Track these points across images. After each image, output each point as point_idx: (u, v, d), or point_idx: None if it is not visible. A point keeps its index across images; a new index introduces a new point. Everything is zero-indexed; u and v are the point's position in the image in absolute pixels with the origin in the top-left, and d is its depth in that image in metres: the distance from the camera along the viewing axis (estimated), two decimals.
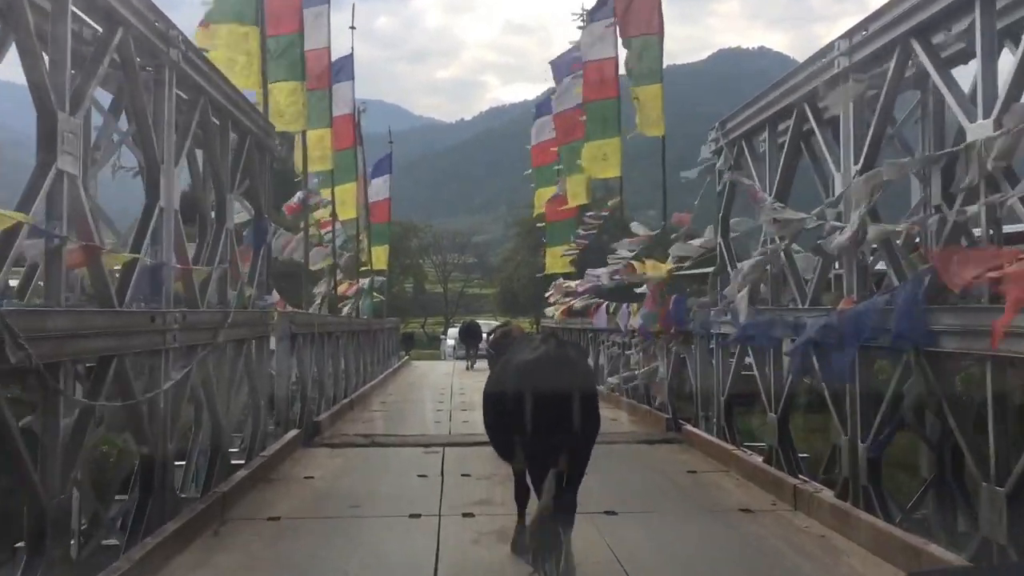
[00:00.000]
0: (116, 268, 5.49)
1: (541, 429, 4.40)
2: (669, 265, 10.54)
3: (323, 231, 15.38)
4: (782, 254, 7.36)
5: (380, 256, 23.67)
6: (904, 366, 5.41)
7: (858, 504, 5.89)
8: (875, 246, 5.92)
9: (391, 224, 56.37)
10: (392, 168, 24.34)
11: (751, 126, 8.17)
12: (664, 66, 12.83)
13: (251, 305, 8.39)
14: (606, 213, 17.27)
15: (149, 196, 5.83)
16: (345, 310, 17.38)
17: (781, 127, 7.82)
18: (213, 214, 7.47)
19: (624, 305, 11.35)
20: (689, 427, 9.56)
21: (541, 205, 22.46)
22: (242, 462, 8.49)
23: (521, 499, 5.16)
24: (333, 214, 15.29)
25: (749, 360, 8.50)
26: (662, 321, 11.01)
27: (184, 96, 6.77)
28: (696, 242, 10.69)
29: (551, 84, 22.58)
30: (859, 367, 5.81)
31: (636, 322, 11.88)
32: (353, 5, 17.57)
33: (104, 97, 6.78)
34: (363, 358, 17.32)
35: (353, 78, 17.26)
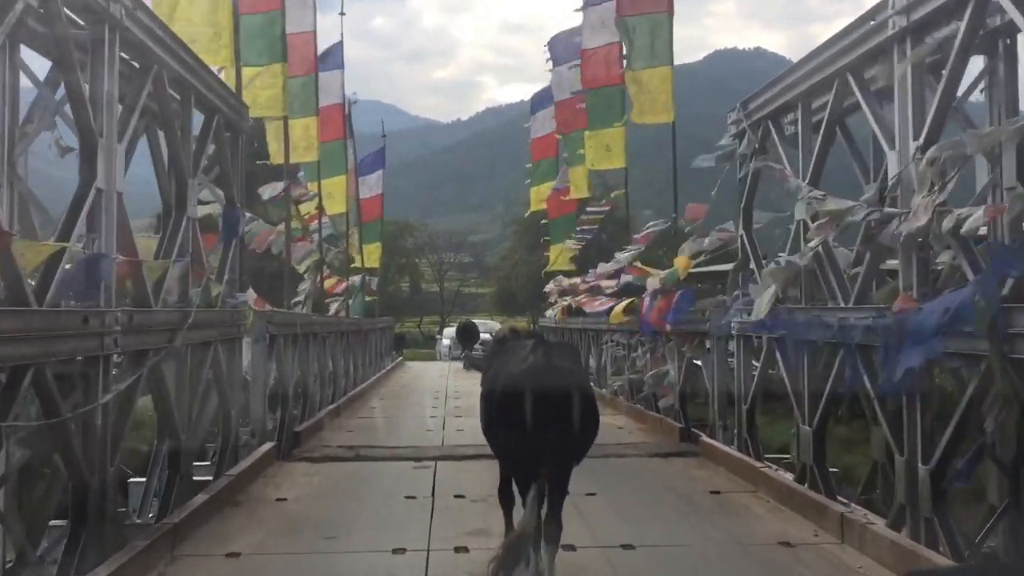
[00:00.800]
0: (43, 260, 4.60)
1: (531, 442, 4.27)
2: (686, 260, 9.64)
3: (309, 225, 14.48)
4: (821, 249, 6.48)
5: (372, 254, 22.76)
6: (983, 374, 4.53)
7: (918, 538, 5.02)
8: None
9: (385, 222, 55.96)
10: (385, 163, 23.41)
11: (780, 104, 7.28)
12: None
13: (220, 304, 7.50)
14: (607, 208, 16.36)
15: (83, 175, 4.94)
16: (333, 308, 16.46)
17: (817, 104, 6.95)
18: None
19: (647, 297, 10.45)
20: (706, 438, 8.67)
21: (538, 202, 21.61)
22: (210, 478, 7.66)
23: (506, 503, 4.85)
24: (319, 207, 14.37)
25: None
26: (656, 316, 10.15)
27: (133, 63, 5.89)
28: (706, 241, 9.84)
29: (548, 84, 21.81)
30: (917, 375, 4.95)
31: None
32: None
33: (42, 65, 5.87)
34: (353, 360, 16.43)
35: (343, 67, 16.33)
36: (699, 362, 9.86)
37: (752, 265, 8.03)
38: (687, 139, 14.14)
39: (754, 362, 8.32)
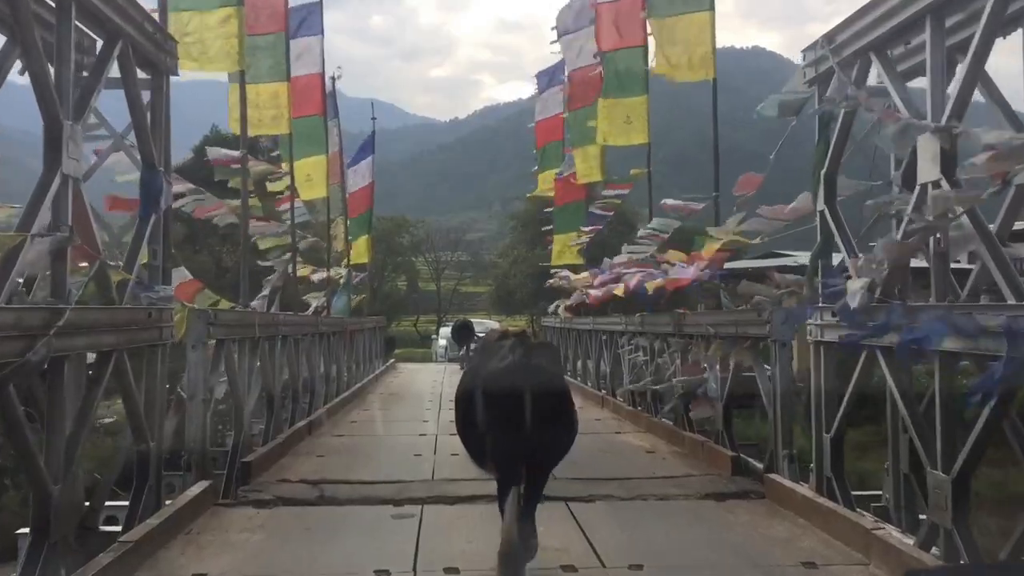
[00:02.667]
0: None
1: (507, 441, 4.36)
2: (731, 235, 7.67)
3: (279, 207, 12.48)
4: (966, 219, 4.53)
5: (361, 248, 20.70)
6: None
7: None
8: None
9: (381, 219, 54.18)
10: (374, 149, 21.35)
11: (895, 26, 5.30)
12: None
13: (128, 299, 5.55)
14: (626, 190, 14.26)
15: None
16: (313, 306, 14.46)
17: (954, 21, 5.00)
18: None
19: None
20: (776, 478, 6.65)
21: (545, 188, 19.66)
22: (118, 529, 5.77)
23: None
24: (291, 189, 12.35)
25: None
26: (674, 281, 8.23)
27: None
28: (731, 222, 7.92)
29: (554, 63, 19.94)
30: None
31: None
32: None
33: None
34: (335, 364, 14.47)
35: (322, 32, 14.34)
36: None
37: (843, 248, 6.07)
38: (687, 133, 12.50)
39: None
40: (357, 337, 18.50)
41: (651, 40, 10.76)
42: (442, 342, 30.97)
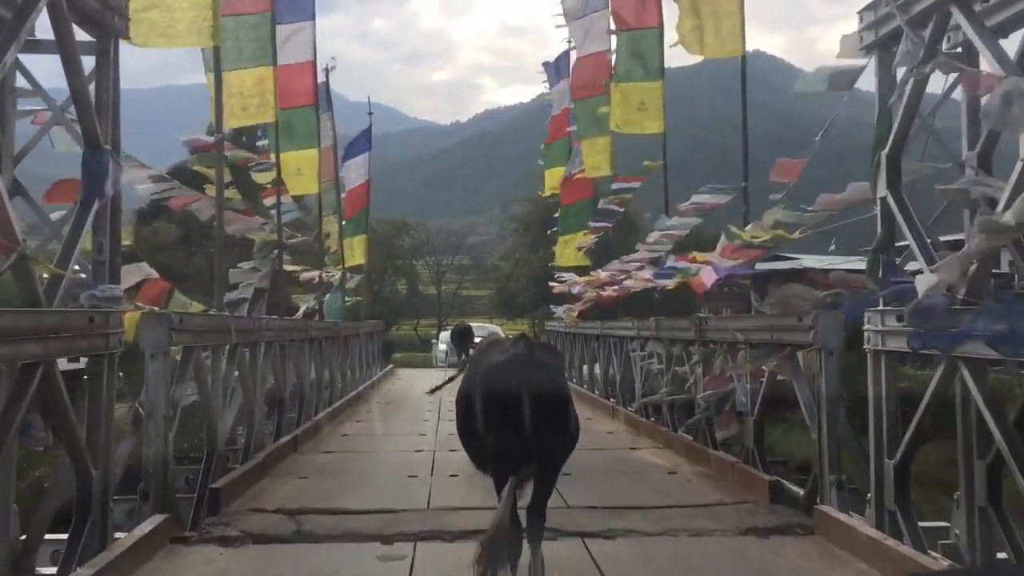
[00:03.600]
0: None
1: (506, 436, 4.26)
2: (772, 232, 6.75)
3: (267, 201, 11.52)
4: None
5: (357, 248, 19.75)
6: None
7: None
8: None
9: (379, 221, 53.22)
10: (371, 145, 20.43)
11: None
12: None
13: (63, 300, 4.64)
14: (638, 183, 13.28)
15: None
16: (303, 309, 13.54)
17: None
18: None
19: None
20: (827, 511, 5.70)
21: (553, 185, 18.77)
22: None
23: None
24: (278, 182, 11.41)
25: None
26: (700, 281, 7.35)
27: None
28: (769, 215, 7.00)
29: (544, 88, 19.22)
30: None
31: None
32: None
33: None
34: (327, 372, 13.56)
35: (313, 17, 13.44)
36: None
37: (911, 239, 5.14)
38: (687, 140, 11.76)
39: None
40: (353, 342, 17.59)
41: (670, 20, 9.90)
42: (442, 347, 30.06)
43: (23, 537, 4.80)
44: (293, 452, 9.30)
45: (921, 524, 5.85)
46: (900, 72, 5.33)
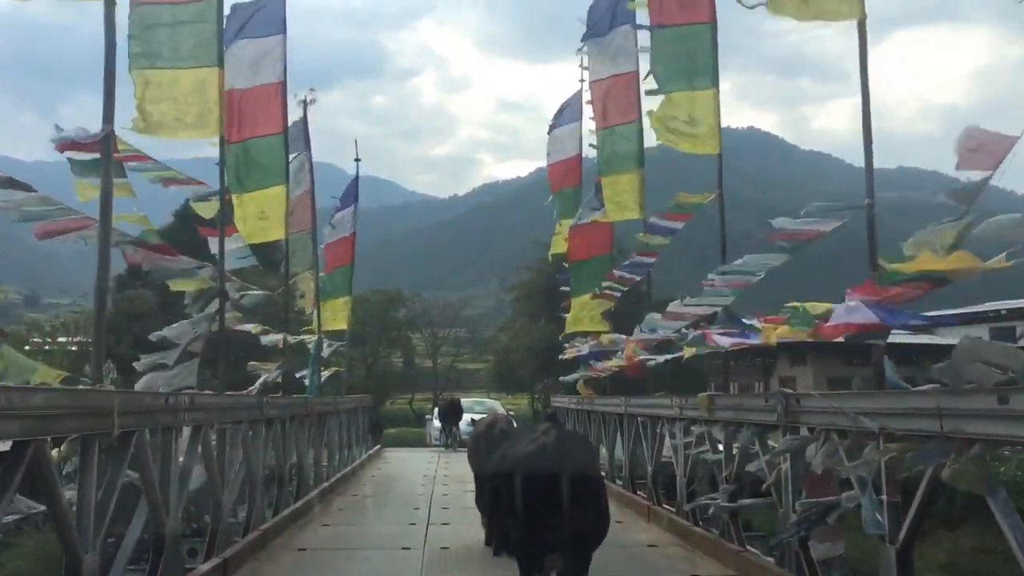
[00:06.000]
0: None
1: (534, 526, 4.32)
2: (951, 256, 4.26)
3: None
4: None
5: (339, 311, 17.18)
6: None
7: None
8: None
9: (373, 291, 50.87)
10: (358, 197, 18.12)
11: None
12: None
13: None
14: (680, 223, 10.58)
15: None
16: (261, 380, 10.94)
17: None
18: None
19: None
20: None
21: (561, 242, 16.43)
22: None
23: None
24: (221, 218, 8.93)
25: None
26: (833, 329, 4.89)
27: None
28: (952, 226, 4.56)
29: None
30: None
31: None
32: None
33: None
34: (290, 461, 10.91)
35: (284, 31, 11.26)
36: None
37: None
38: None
39: None
40: (330, 421, 14.94)
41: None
42: (436, 423, 27.28)
43: None
44: None
45: None
46: None
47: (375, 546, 8.60)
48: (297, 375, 15.14)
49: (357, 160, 18.02)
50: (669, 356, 9.29)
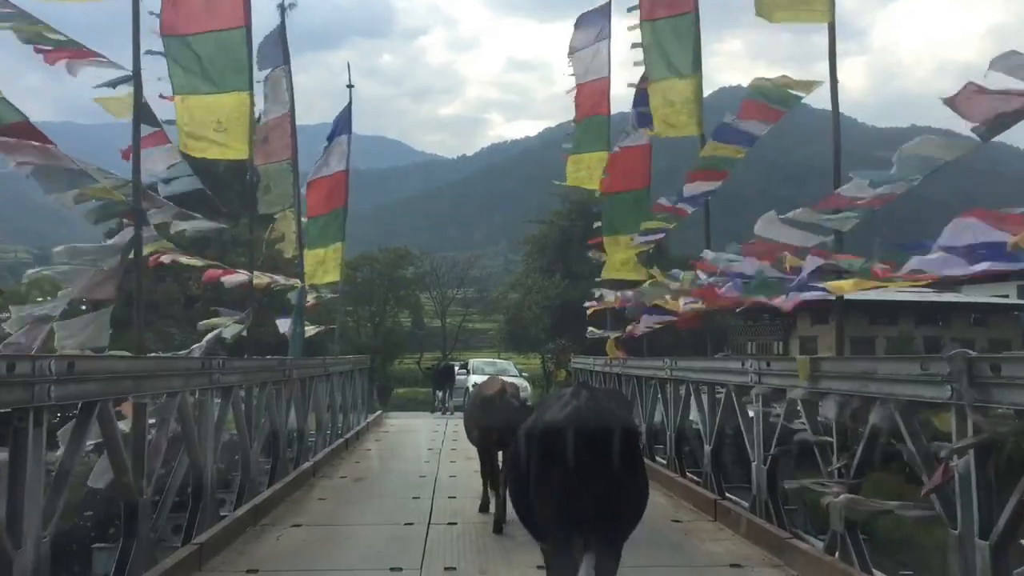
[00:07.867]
0: None
1: (568, 501, 3.78)
2: None
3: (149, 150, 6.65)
4: None
5: (329, 261, 14.82)
6: None
7: None
8: None
9: (381, 250, 48.85)
10: (352, 128, 15.70)
11: None
12: None
13: None
14: (714, 184, 7.73)
15: None
16: (214, 333, 8.67)
17: None
18: None
19: None
20: None
21: (577, 175, 14.05)
22: None
23: None
24: (137, 101, 6.43)
25: None
26: None
27: None
28: None
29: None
30: None
31: None
32: None
33: None
34: (256, 441, 8.72)
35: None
36: None
37: None
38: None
39: None
40: (318, 385, 12.72)
41: None
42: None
43: None
44: None
45: None
46: None
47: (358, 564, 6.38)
48: (282, 331, 13.00)
49: (350, 86, 15.53)
50: (758, 298, 6.92)
